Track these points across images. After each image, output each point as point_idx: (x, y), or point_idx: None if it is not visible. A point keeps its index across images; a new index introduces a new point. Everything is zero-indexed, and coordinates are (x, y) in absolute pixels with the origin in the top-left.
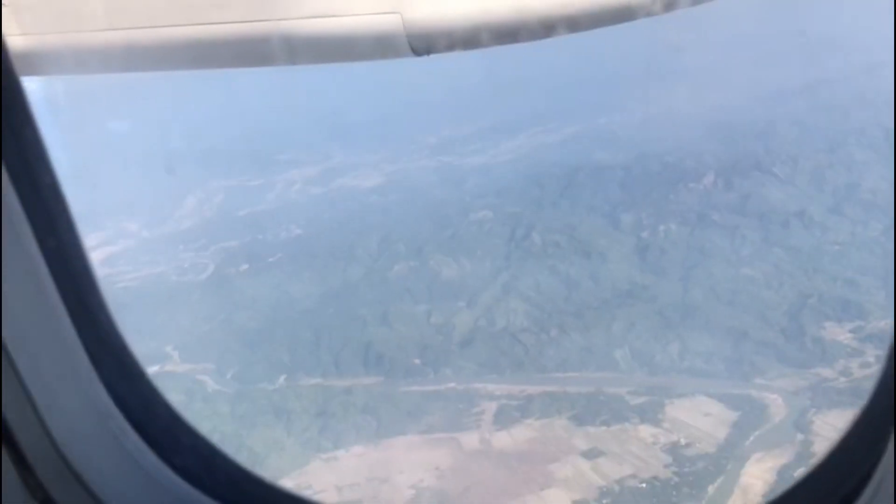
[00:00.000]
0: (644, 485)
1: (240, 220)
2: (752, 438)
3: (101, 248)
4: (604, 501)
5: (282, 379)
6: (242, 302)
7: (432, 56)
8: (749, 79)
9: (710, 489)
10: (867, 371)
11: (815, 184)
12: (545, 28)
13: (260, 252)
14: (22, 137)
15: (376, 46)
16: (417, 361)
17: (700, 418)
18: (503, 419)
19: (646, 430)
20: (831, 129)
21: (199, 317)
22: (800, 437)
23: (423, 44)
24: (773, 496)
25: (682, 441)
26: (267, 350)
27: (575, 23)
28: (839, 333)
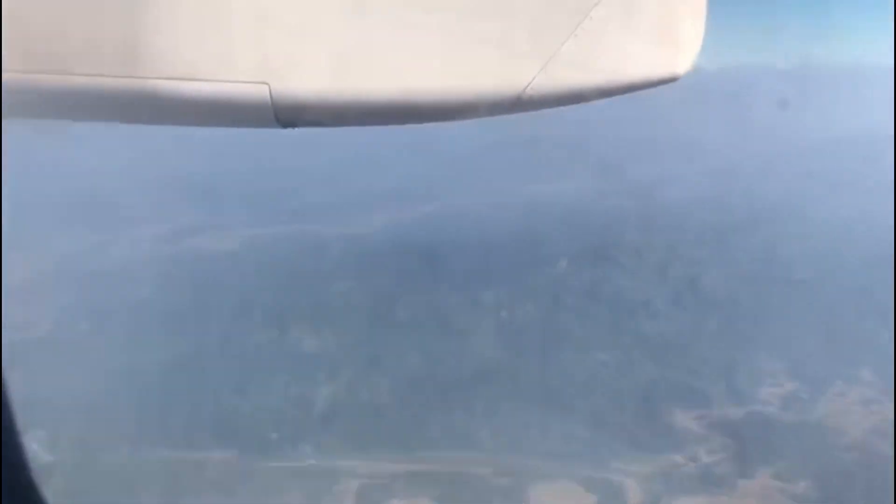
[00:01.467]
0: None
1: (81, 275)
2: None
3: None
4: None
5: (125, 450)
6: (83, 364)
7: (298, 129)
8: (601, 174)
9: None
10: (714, 457)
11: (659, 276)
12: (415, 115)
13: (103, 311)
14: None
15: (243, 114)
16: (275, 436)
17: (562, 501)
18: (366, 499)
19: None
20: (673, 226)
21: (34, 377)
22: None
23: (290, 116)
24: None
25: None
26: (108, 417)
27: (442, 113)
28: (686, 420)
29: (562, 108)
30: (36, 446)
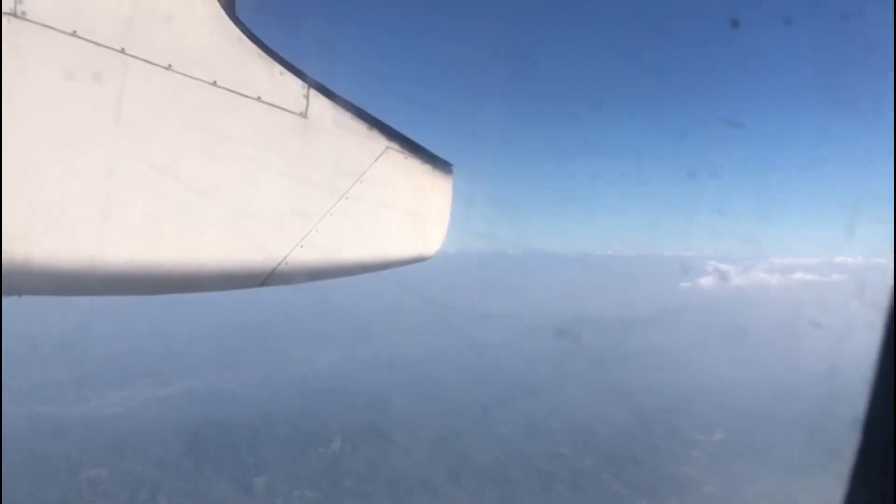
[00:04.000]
0: None
1: None
2: None
3: None
4: None
5: None
6: None
7: (24, 297)
8: (367, 352)
9: None
10: None
11: (433, 453)
12: (164, 286)
13: None
14: None
15: None
16: None
17: None
18: None
19: None
20: (438, 400)
21: None
22: None
23: (16, 283)
24: None
25: None
26: None
27: (193, 284)
28: None
29: (317, 281)
30: None
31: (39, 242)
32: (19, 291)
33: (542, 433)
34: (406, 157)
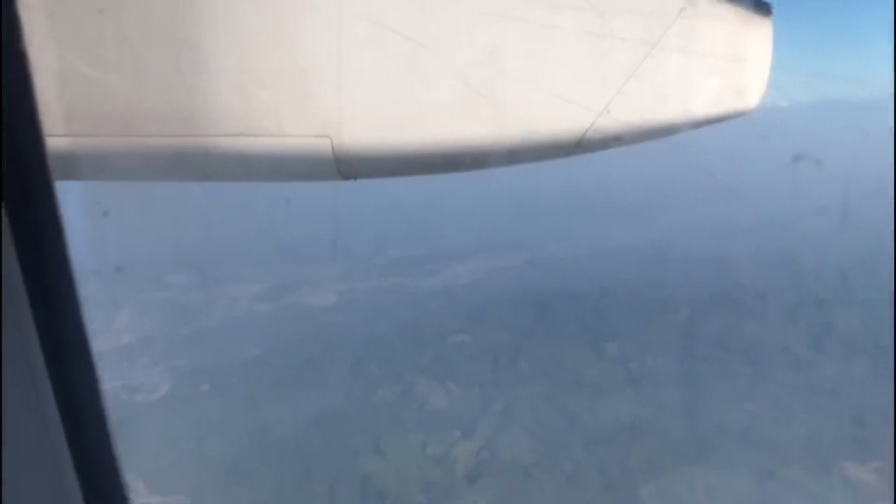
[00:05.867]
0: None
1: (185, 336)
2: None
3: None
4: None
5: None
6: (210, 426)
7: (360, 180)
8: (699, 215)
9: None
10: None
11: (789, 320)
12: (477, 161)
13: (217, 372)
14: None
15: (305, 168)
16: (422, 499)
17: None
18: None
19: None
20: (789, 266)
21: (163, 442)
22: None
23: (351, 168)
24: None
25: None
26: (247, 481)
27: (512, 156)
28: (863, 473)
29: (625, 147)
30: None
31: (364, 128)
32: (355, 176)
33: None
34: (718, 1)
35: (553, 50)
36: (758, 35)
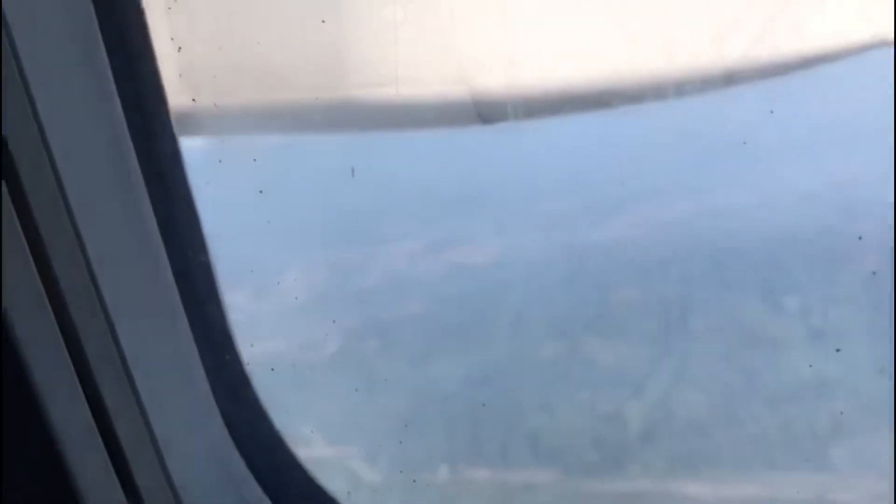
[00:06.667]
0: None
1: (351, 295)
2: None
3: None
4: None
5: (444, 469)
6: (381, 382)
7: (500, 125)
8: (882, 154)
9: None
10: None
11: None
12: (623, 98)
13: (384, 329)
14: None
15: (444, 115)
16: (594, 456)
17: None
18: None
19: None
20: None
21: (336, 396)
22: None
23: (492, 113)
24: None
25: None
26: (419, 435)
27: (651, 93)
28: None
29: (778, 78)
30: (358, 465)
31: (503, 71)
32: (497, 120)
33: None
34: None
35: None
36: None
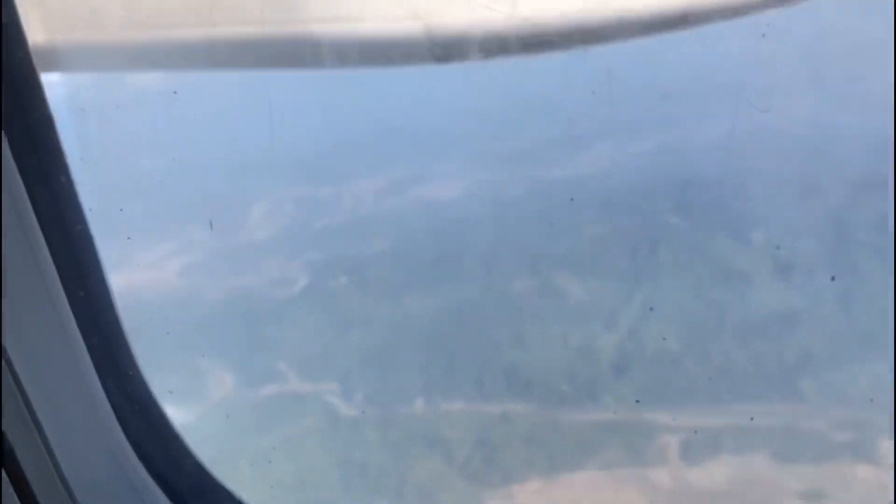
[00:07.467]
0: None
1: (318, 231)
2: None
3: (173, 258)
4: None
5: (420, 402)
6: (352, 318)
7: (453, 63)
8: (843, 91)
9: None
10: None
11: None
12: (578, 38)
13: (353, 266)
14: (44, 148)
15: (397, 52)
16: (567, 388)
17: None
18: (691, 455)
19: (866, 471)
20: None
21: (307, 332)
22: None
23: (445, 52)
24: None
25: None
26: (393, 370)
27: (614, 32)
28: None
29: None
30: (334, 399)
31: (458, 8)
32: (448, 59)
33: None
34: None
35: None
36: None
